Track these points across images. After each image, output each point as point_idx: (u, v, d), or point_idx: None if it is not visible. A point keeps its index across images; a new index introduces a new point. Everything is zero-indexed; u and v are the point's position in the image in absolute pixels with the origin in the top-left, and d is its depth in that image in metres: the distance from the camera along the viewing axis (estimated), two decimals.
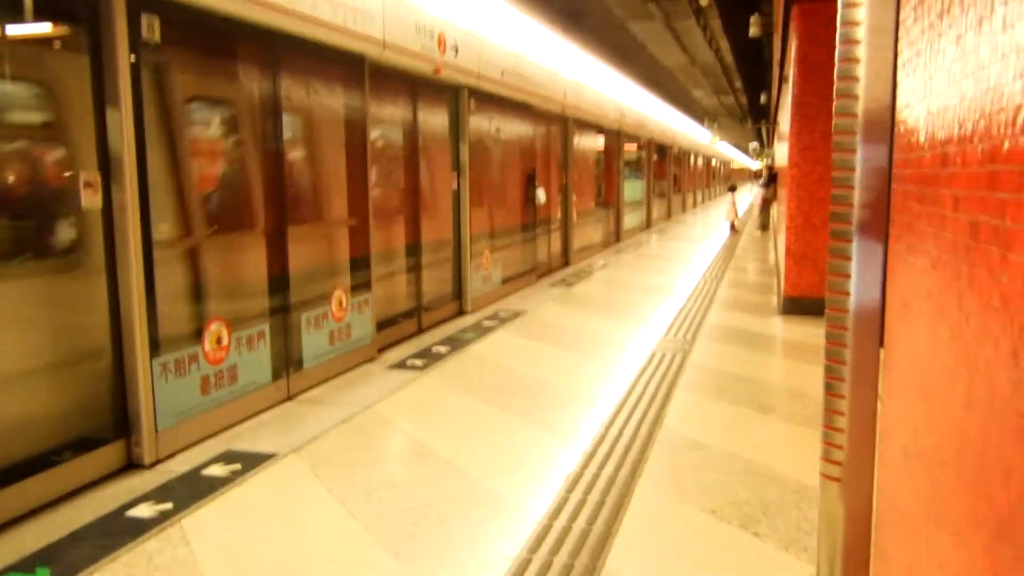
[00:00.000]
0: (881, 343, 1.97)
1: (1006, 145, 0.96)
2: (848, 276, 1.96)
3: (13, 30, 3.82)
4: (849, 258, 1.95)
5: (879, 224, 1.89)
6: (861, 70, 1.90)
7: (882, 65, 1.88)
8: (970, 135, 1.15)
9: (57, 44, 4.10)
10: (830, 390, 1.99)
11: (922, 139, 1.50)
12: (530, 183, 10.98)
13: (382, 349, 6.84)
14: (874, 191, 1.88)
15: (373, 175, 6.61)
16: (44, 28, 4.00)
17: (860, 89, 1.91)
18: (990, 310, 1.03)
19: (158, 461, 4.29)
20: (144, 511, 3.68)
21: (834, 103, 1.97)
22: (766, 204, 20.35)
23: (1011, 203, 0.96)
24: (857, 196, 1.93)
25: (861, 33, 1.92)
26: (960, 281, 1.19)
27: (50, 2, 3.88)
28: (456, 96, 8.52)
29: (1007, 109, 0.96)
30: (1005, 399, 0.96)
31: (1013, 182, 0.94)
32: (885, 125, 1.86)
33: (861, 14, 1.91)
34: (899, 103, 1.81)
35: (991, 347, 1.03)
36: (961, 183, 1.20)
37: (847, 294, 1.96)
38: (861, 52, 1.90)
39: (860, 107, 1.90)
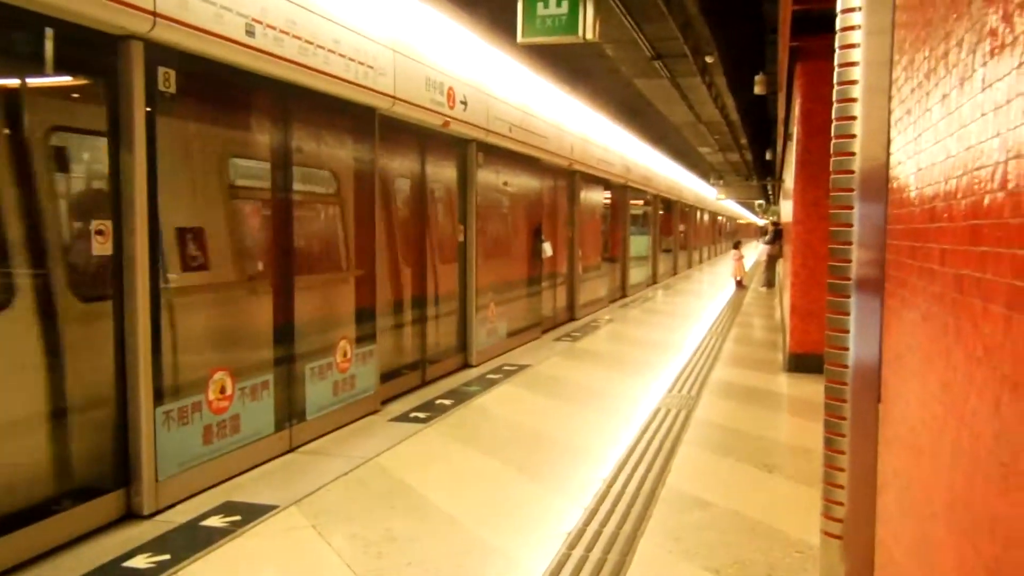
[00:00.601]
0: (880, 398, 1.97)
1: (987, 200, 0.98)
2: (847, 332, 1.96)
3: (34, 82, 3.91)
4: (847, 313, 1.96)
5: (877, 279, 1.91)
6: (858, 128, 1.94)
7: (878, 124, 1.91)
8: (954, 191, 1.17)
9: (76, 95, 4.20)
10: (830, 446, 1.98)
11: (912, 195, 1.52)
12: (536, 237, 11.06)
13: (386, 401, 6.82)
14: (872, 247, 1.90)
15: (380, 226, 6.67)
16: (64, 80, 4.11)
17: (857, 147, 1.94)
18: (974, 361, 1.04)
19: (158, 511, 4.26)
20: (141, 562, 3.64)
21: (831, 160, 2.00)
22: (771, 261, 20.38)
23: (991, 256, 0.97)
24: (855, 252, 1.94)
25: (857, 92, 1.96)
26: (947, 334, 1.20)
27: (71, 56, 3.98)
28: (464, 149, 8.63)
29: (987, 165, 0.98)
30: (989, 449, 0.96)
31: (994, 236, 0.96)
32: (882, 182, 1.89)
33: (857, 73, 1.95)
34: (892, 160, 1.84)
35: (976, 397, 1.03)
36: (947, 237, 1.22)
37: (846, 349, 1.96)
38: (857, 110, 1.94)
39: (857, 164, 1.93)
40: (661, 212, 22.41)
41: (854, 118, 1.92)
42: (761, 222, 54.10)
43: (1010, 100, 0.88)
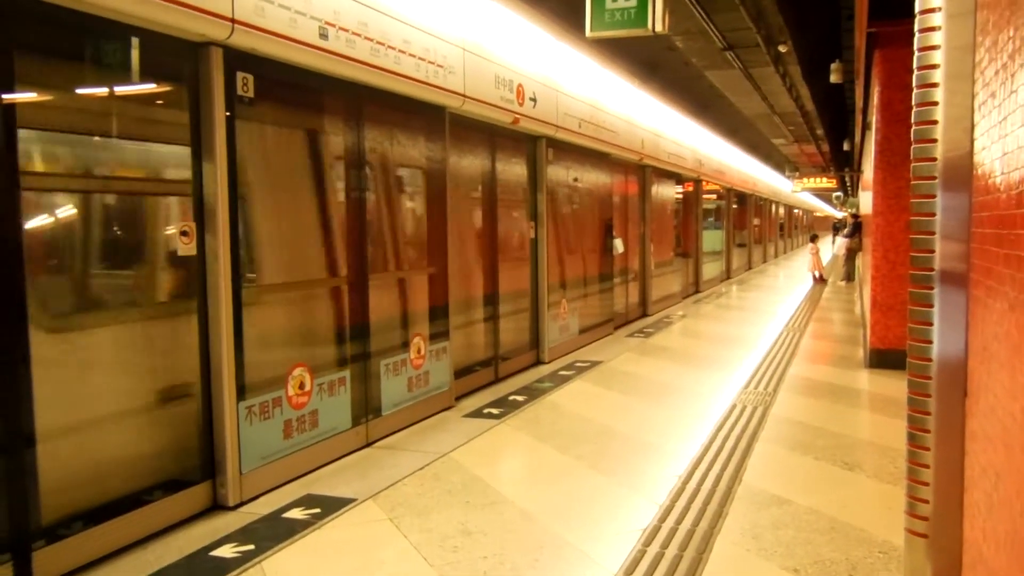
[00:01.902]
0: (966, 392, 1.90)
1: None
2: (930, 324, 1.91)
3: (121, 89, 4.08)
4: (931, 305, 1.90)
5: (961, 269, 1.84)
6: (939, 114, 1.88)
7: (961, 109, 1.85)
8: None
9: (160, 101, 4.37)
10: (914, 442, 1.92)
11: (998, 180, 1.47)
12: (607, 232, 11.00)
13: (459, 397, 6.89)
14: (955, 236, 1.84)
15: (452, 224, 6.73)
16: (149, 87, 4.27)
17: (939, 133, 1.88)
18: None
19: (241, 503, 4.40)
20: (227, 552, 3.77)
21: (912, 148, 1.94)
22: (851, 254, 19.83)
23: None
24: (938, 242, 1.88)
25: (938, 76, 1.90)
26: None
27: (155, 63, 4.14)
28: (534, 146, 8.65)
29: None
30: None
31: None
32: (965, 170, 1.83)
33: (938, 57, 1.89)
34: (976, 145, 1.78)
35: None
36: None
37: (930, 342, 1.90)
38: (939, 96, 1.88)
39: (939, 152, 1.87)
40: (734, 206, 22.02)
41: (935, 104, 1.86)
42: (839, 214, 52.74)
43: None
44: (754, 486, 4.62)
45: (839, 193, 38.77)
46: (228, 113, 4.34)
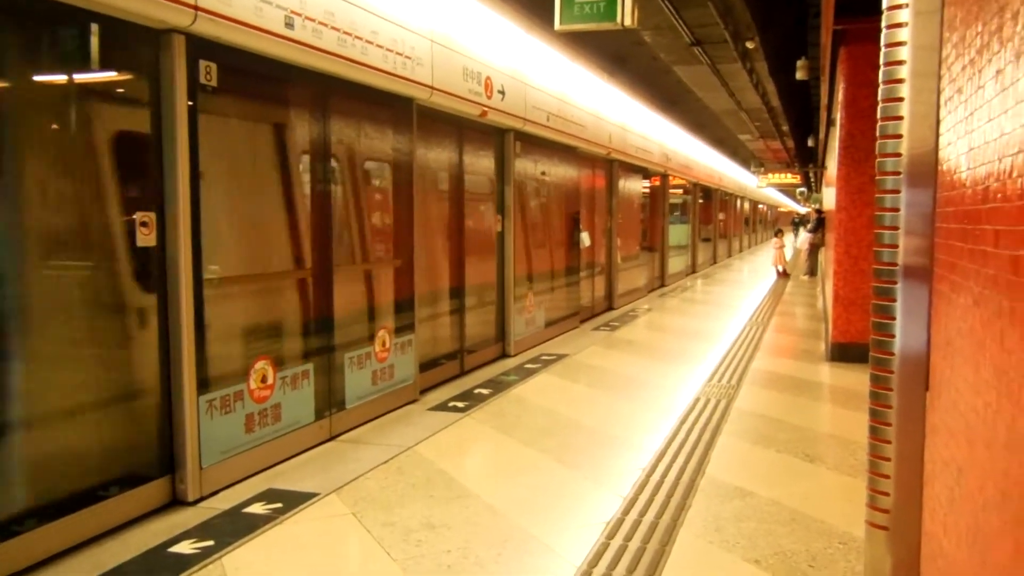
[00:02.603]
0: (927, 387, 1.92)
1: None
2: (893, 319, 1.92)
3: (79, 78, 3.98)
4: (894, 300, 1.91)
5: (925, 264, 1.86)
6: (905, 110, 1.89)
7: (926, 107, 1.86)
8: (1009, 169, 1.13)
9: (121, 90, 4.27)
10: (875, 435, 1.93)
11: (963, 176, 1.48)
12: (574, 226, 11.01)
13: (424, 391, 6.86)
14: (919, 231, 1.85)
15: (419, 217, 6.69)
16: (109, 75, 4.17)
17: (904, 129, 1.89)
18: None
19: (201, 498, 4.33)
20: (186, 548, 3.71)
21: (877, 143, 1.95)
22: (814, 249, 20.09)
23: None
24: (902, 237, 1.89)
25: (904, 72, 1.90)
26: (1002, 316, 1.16)
27: (116, 50, 4.04)
28: (502, 139, 8.62)
29: None
30: None
31: None
32: (930, 166, 1.84)
33: (904, 53, 1.90)
34: (941, 141, 1.78)
35: None
36: (1002, 217, 1.18)
37: (892, 336, 1.92)
38: (905, 92, 1.89)
39: (904, 147, 1.88)
40: (700, 200, 22.19)
41: (901, 100, 1.87)
42: (803, 210, 53.38)
43: None
44: (717, 478, 4.66)
45: (803, 189, 39.26)
46: (191, 102, 4.25)
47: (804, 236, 22.70)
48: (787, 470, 4.88)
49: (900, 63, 1.90)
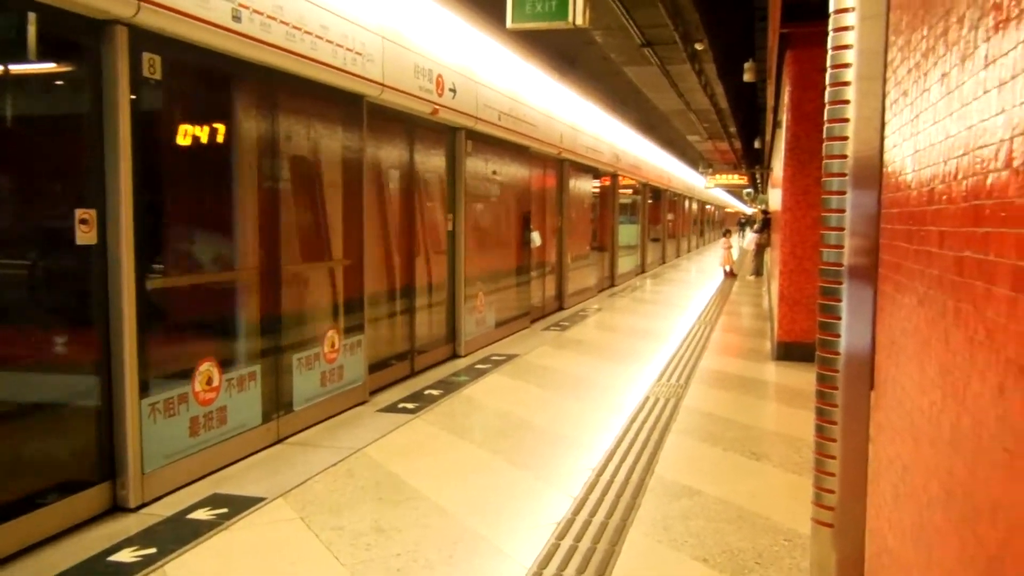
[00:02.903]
0: (872, 386, 1.94)
1: (990, 180, 0.95)
2: (839, 318, 1.94)
3: (17, 68, 3.85)
4: (840, 300, 1.94)
5: (870, 265, 1.88)
6: (851, 112, 1.91)
7: (872, 108, 1.88)
8: (955, 171, 1.14)
9: (60, 81, 4.14)
10: (821, 433, 1.96)
11: (908, 177, 1.50)
12: (525, 226, 11.02)
13: (374, 392, 6.79)
14: (865, 232, 1.88)
15: (368, 216, 6.62)
16: (48, 66, 4.04)
17: (850, 131, 1.92)
18: (976, 344, 1.02)
19: (143, 504, 4.21)
20: (127, 556, 3.60)
21: (823, 145, 1.98)
22: (760, 249, 20.43)
23: (995, 236, 0.94)
24: (848, 237, 1.92)
25: (851, 75, 1.93)
26: (946, 316, 1.18)
27: (55, 41, 3.91)
28: (453, 137, 8.58)
29: (991, 144, 0.95)
30: (992, 434, 0.94)
31: (998, 216, 0.93)
32: (875, 168, 1.86)
33: (851, 56, 1.93)
34: (886, 143, 1.81)
35: (978, 381, 1.01)
36: (946, 219, 1.19)
37: (838, 336, 1.94)
38: (851, 94, 1.92)
39: (850, 149, 1.91)
40: (650, 201, 22.40)
41: (847, 102, 1.89)
42: (750, 211, 54.24)
43: (1015, 76, 0.85)
44: (666, 477, 4.69)
45: (750, 190, 39.91)
46: (133, 96, 4.13)
47: (751, 237, 23.07)
48: (734, 468, 4.93)
49: (846, 66, 1.92)
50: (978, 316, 1.01)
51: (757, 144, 23.31)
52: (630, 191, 20.12)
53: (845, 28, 1.96)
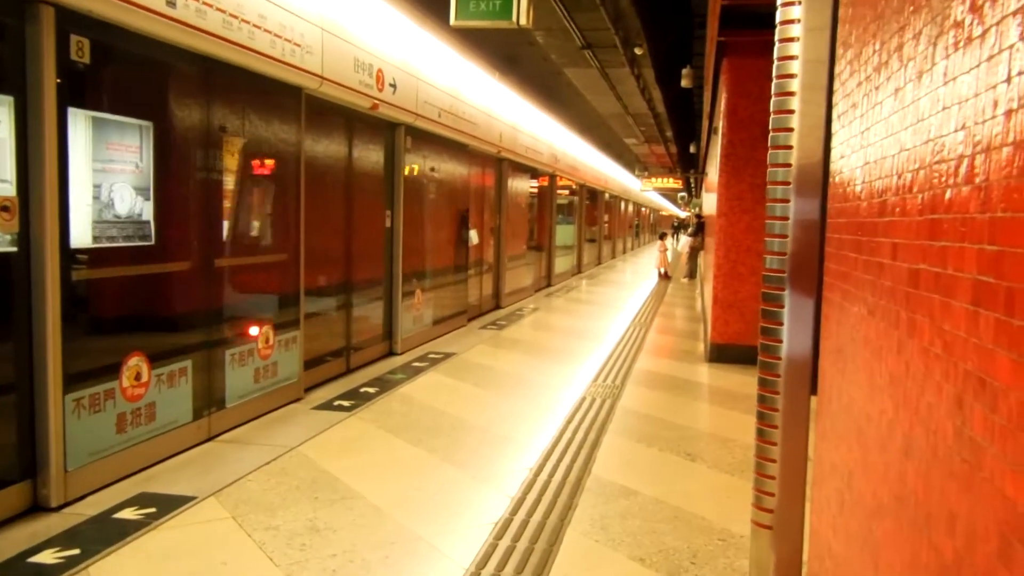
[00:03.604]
0: (812, 391, 1.98)
1: (949, 194, 0.98)
2: (780, 324, 1.98)
3: None
4: (782, 306, 1.97)
5: (811, 274, 1.92)
6: (795, 122, 1.95)
7: (815, 121, 1.92)
8: (910, 184, 1.17)
9: None
10: (762, 437, 1.99)
11: (858, 188, 1.53)
12: (463, 224, 10.99)
13: (309, 389, 6.68)
14: (806, 240, 1.92)
15: (305, 210, 6.51)
16: None
17: (794, 140, 1.95)
18: (931, 356, 1.04)
19: (66, 504, 4.06)
20: (48, 558, 3.46)
21: (768, 154, 2.01)
22: (694, 252, 20.80)
23: (953, 251, 0.97)
24: (790, 244, 1.96)
25: (795, 86, 1.97)
26: (899, 327, 1.20)
27: None
28: (392, 133, 8.50)
29: (949, 159, 0.98)
30: (949, 445, 0.96)
31: (956, 231, 0.95)
32: (817, 177, 1.90)
33: (795, 67, 1.96)
34: (834, 154, 1.85)
35: (933, 392, 1.03)
36: (900, 231, 1.22)
37: (779, 341, 1.98)
38: (795, 104, 1.95)
39: (794, 158, 1.94)
40: (587, 202, 22.58)
41: (792, 111, 1.93)
42: (684, 214, 55.13)
43: (978, 93, 0.87)
44: (603, 477, 4.73)
45: (684, 193, 40.58)
46: (59, 80, 3.98)
47: (685, 240, 23.46)
48: (669, 468, 5.00)
49: (791, 76, 1.96)
50: (934, 328, 1.04)
51: (692, 149, 23.74)
52: (567, 192, 20.25)
53: (791, 39, 2.00)
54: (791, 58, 1.97)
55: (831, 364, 1.81)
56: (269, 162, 6.12)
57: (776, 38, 1.98)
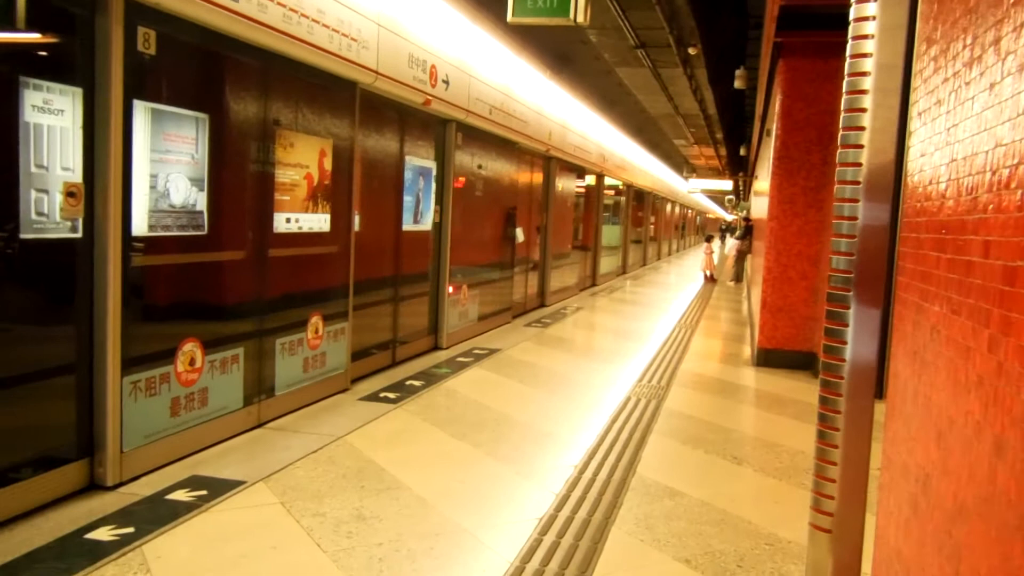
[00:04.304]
0: (878, 395, 1.95)
1: None
2: (846, 326, 1.95)
3: (7, 36, 3.76)
4: (847, 308, 1.94)
5: (878, 275, 1.89)
6: (867, 121, 1.91)
7: (887, 120, 1.88)
8: (1007, 180, 1.14)
9: (44, 52, 4.05)
10: (823, 439, 1.96)
11: (943, 187, 1.50)
12: (509, 221, 11.00)
13: (355, 380, 6.75)
14: (876, 240, 1.88)
15: (357, 203, 6.57)
16: (34, 36, 3.95)
17: (865, 140, 1.92)
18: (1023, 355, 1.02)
19: (121, 483, 4.16)
20: (104, 535, 3.55)
21: (838, 153, 1.98)
22: (741, 256, 20.57)
23: None
24: (857, 246, 1.92)
25: (868, 84, 1.93)
26: (990, 326, 1.18)
27: (47, 11, 3.84)
28: (444, 129, 8.54)
29: None
30: None
31: None
32: (888, 176, 1.87)
33: (868, 65, 1.93)
34: (912, 152, 1.81)
35: None
36: (993, 228, 1.19)
37: (844, 344, 1.95)
38: (867, 103, 1.92)
39: (864, 158, 1.91)
40: (633, 202, 22.46)
41: (864, 110, 1.89)
42: (730, 217, 54.56)
43: None
44: (648, 478, 4.70)
45: (732, 196, 40.14)
46: (126, 71, 4.06)
47: (732, 243, 23.23)
48: (715, 471, 4.95)
49: (864, 75, 1.92)
50: None
51: (743, 151, 23.47)
52: (614, 192, 20.16)
53: (864, 36, 1.96)
54: (864, 56, 1.93)
55: (905, 366, 1.77)
56: (323, 156, 6.19)
57: (849, 35, 1.95)
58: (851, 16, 1.96)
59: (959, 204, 1.39)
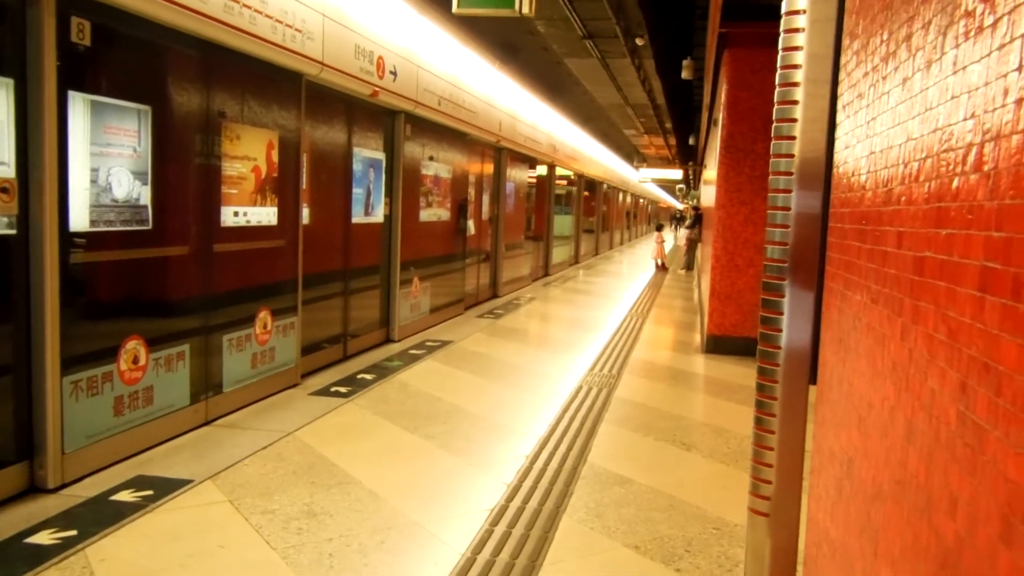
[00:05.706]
0: (811, 380, 2.00)
1: (956, 182, 0.98)
2: (781, 314, 1.99)
3: None
4: (782, 296, 1.98)
5: (812, 264, 1.93)
6: (798, 113, 1.95)
7: (819, 112, 1.92)
8: (916, 173, 1.18)
9: None
10: (760, 425, 2.01)
11: (863, 178, 1.54)
12: (461, 212, 10.99)
13: (306, 375, 6.69)
14: (808, 230, 1.93)
15: (305, 196, 6.50)
16: None
17: (797, 132, 1.96)
18: (936, 342, 1.05)
19: (63, 485, 4.07)
20: (45, 538, 3.48)
21: (771, 144, 2.02)
22: (691, 244, 20.81)
23: (960, 238, 0.98)
24: (791, 236, 1.96)
25: (799, 77, 1.97)
26: (903, 314, 1.21)
27: None
28: (392, 120, 8.48)
29: (958, 148, 0.98)
30: (952, 430, 0.97)
31: (963, 218, 0.96)
32: (820, 168, 1.91)
33: (800, 58, 1.97)
34: (838, 144, 1.85)
35: (936, 378, 1.04)
36: (906, 219, 1.23)
37: (779, 331, 1.99)
38: (799, 95, 1.96)
39: (796, 149, 1.95)
40: (585, 192, 22.57)
41: (796, 102, 1.93)
42: (680, 206, 55.15)
43: (988, 82, 0.88)
44: (598, 466, 4.75)
45: (682, 186, 40.58)
46: (60, 62, 3.96)
47: (682, 232, 23.49)
48: (665, 458, 5.02)
49: (796, 67, 1.96)
50: (939, 314, 1.05)
51: (692, 141, 23.72)
52: (566, 182, 20.24)
53: (796, 30, 2.00)
54: (796, 49, 1.97)
55: (832, 353, 1.82)
56: (268, 148, 6.11)
57: (781, 29, 1.99)
58: (783, 9, 2.00)
59: (876, 196, 1.43)
